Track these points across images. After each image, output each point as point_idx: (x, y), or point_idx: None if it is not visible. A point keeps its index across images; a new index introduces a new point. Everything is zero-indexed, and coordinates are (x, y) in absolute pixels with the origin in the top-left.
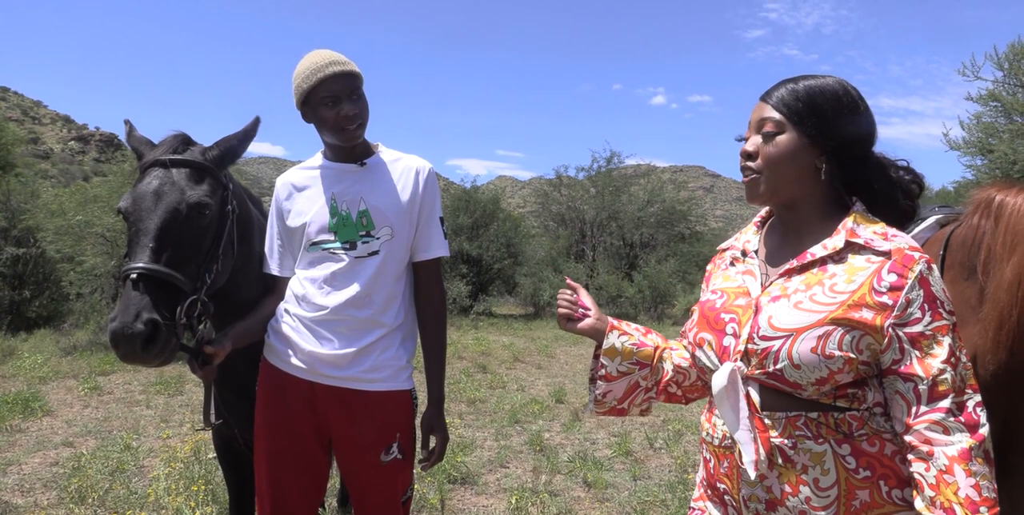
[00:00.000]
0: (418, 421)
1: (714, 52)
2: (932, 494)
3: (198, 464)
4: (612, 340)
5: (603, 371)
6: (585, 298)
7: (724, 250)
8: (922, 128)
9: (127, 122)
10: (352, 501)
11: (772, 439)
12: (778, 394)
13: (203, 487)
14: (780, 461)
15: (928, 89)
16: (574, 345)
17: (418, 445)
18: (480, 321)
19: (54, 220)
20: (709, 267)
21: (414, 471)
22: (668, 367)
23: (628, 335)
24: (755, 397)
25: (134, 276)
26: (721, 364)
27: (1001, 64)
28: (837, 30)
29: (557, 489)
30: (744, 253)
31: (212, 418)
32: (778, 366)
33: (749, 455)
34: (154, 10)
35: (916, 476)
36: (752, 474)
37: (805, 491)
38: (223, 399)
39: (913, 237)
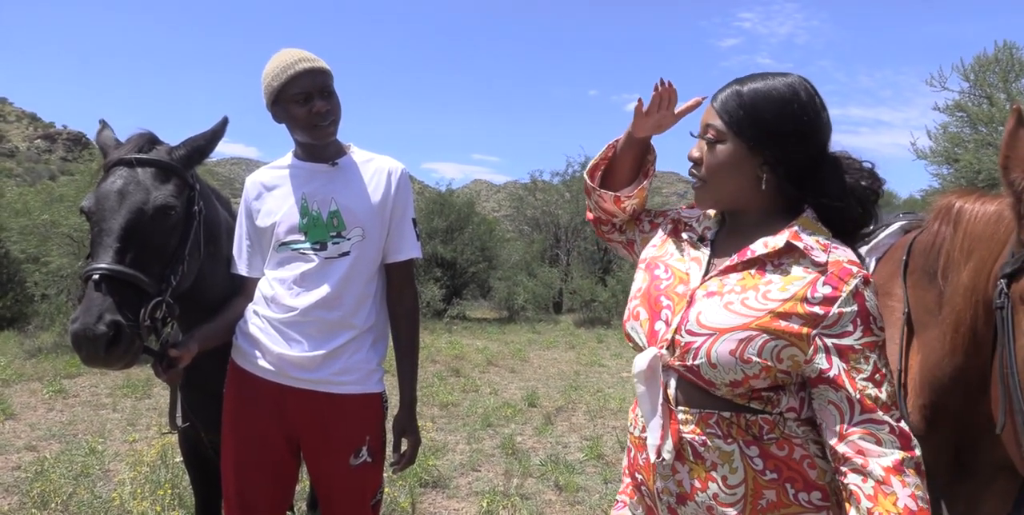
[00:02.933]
0: (389, 424)
1: (689, 60)
2: (870, 505)
3: (165, 468)
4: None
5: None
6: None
7: (685, 221)
8: (891, 138)
9: (102, 121)
10: (320, 504)
11: (683, 434)
12: (694, 389)
13: (170, 491)
14: (691, 457)
15: (896, 100)
16: (548, 349)
17: (389, 448)
18: (454, 325)
19: (19, 219)
20: (674, 214)
21: (385, 474)
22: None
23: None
24: (672, 388)
25: (96, 277)
26: (647, 347)
27: (967, 75)
28: (809, 40)
29: (528, 492)
30: (702, 239)
31: (178, 421)
32: (696, 362)
33: (652, 440)
34: (125, 6)
35: (852, 488)
36: (653, 457)
37: (713, 487)
38: (190, 402)
39: (877, 243)
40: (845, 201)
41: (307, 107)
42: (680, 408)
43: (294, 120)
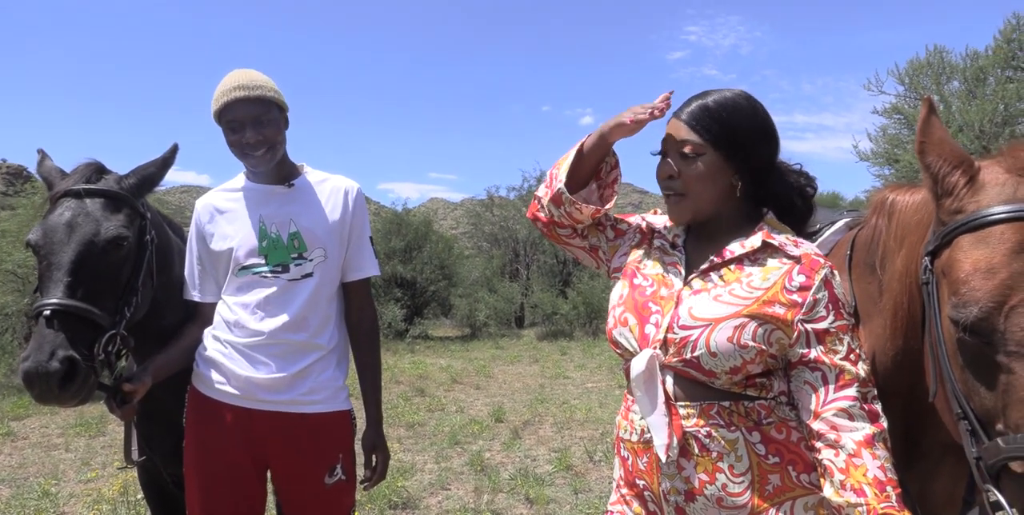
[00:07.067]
0: (357, 444)
1: (639, 73)
2: (842, 478)
3: (126, 506)
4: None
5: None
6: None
7: (654, 229)
8: (834, 142)
9: (40, 151)
10: None
11: (687, 428)
12: (692, 383)
13: None
14: (696, 450)
15: (838, 105)
16: (512, 364)
17: (360, 467)
18: (416, 344)
19: None
20: (639, 222)
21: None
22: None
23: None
24: (670, 386)
25: (47, 312)
26: (639, 350)
27: (902, 79)
28: (753, 51)
29: (499, 508)
30: (673, 245)
31: (134, 455)
32: (696, 353)
33: (660, 439)
34: (64, 32)
35: (826, 463)
36: (663, 457)
37: (721, 478)
38: (146, 434)
39: (824, 241)
40: (791, 197)
41: (238, 136)
42: (680, 403)
43: (228, 145)
